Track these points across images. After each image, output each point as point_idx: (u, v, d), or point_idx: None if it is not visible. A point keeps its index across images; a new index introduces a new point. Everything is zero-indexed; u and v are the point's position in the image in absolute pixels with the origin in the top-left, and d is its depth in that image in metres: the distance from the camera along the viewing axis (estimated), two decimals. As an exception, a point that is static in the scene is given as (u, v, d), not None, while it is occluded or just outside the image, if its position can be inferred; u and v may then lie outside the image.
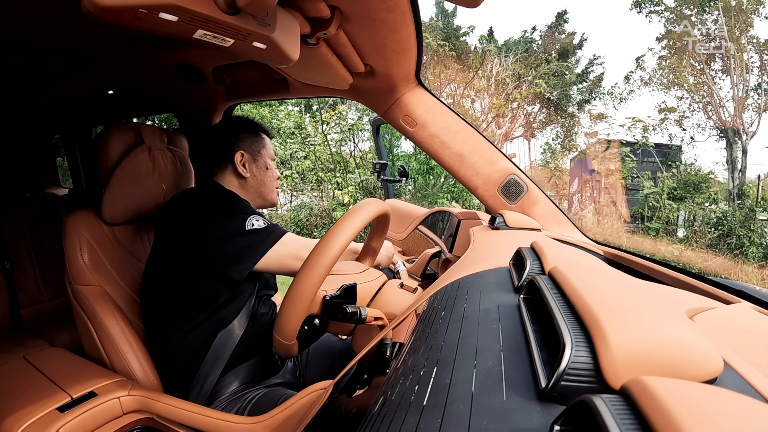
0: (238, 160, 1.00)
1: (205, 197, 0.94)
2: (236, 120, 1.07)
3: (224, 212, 0.89)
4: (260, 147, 1.04)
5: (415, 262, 1.10)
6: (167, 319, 0.92)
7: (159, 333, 0.93)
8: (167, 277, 0.92)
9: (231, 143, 1.01)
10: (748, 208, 6.13)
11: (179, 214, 0.91)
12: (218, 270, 0.86)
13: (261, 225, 0.89)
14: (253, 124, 1.07)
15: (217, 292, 0.90)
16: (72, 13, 0.93)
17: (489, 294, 0.45)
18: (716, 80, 8.43)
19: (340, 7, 0.67)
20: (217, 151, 1.03)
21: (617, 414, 0.17)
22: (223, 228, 0.87)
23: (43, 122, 1.93)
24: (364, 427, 0.33)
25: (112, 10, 0.42)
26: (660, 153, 7.85)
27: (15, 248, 1.72)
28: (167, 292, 0.92)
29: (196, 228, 0.87)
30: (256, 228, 0.87)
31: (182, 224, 0.89)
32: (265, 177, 1.04)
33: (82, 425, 0.75)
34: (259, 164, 1.03)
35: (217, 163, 1.02)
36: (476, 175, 1.03)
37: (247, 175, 1.02)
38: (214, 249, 0.86)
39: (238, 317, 0.93)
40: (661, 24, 8.88)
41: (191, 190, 0.98)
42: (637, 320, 0.25)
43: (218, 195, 0.96)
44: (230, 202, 0.94)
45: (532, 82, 9.44)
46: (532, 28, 12.24)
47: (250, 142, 1.03)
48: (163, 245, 0.94)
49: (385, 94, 1.03)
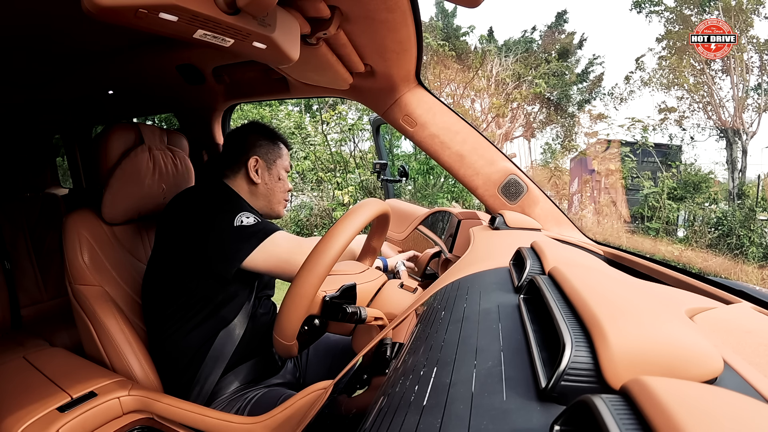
0: (251, 165, 0.99)
1: (200, 195, 0.93)
2: (257, 126, 1.06)
3: (214, 208, 0.88)
4: (276, 156, 1.03)
5: (416, 258, 1.11)
6: (167, 318, 0.92)
7: (159, 333, 0.93)
8: (166, 276, 0.92)
9: (247, 147, 1.00)
10: (748, 208, 6.14)
11: (176, 213, 0.91)
12: (208, 267, 0.86)
13: (250, 222, 0.87)
14: (274, 132, 1.06)
15: (212, 291, 0.90)
16: (72, 13, 0.93)
17: (489, 294, 0.45)
18: (716, 80, 8.44)
19: (340, 7, 0.67)
20: (232, 152, 1.02)
21: (617, 414, 0.17)
22: (211, 224, 0.86)
23: (43, 122, 1.93)
24: (364, 427, 0.33)
25: (112, 10, 0.42)
26: (660, 153, 7.85)
27: (15, 248, 1.72)
28: (166, 292, 0.92)
29: (188, 225, 0.87)
30: (244, 225, 0.85)
31: (177, 222, 0.89)
32: (275, 187, 1.03)
33: (82, 425, 0.75)
34: (272, 173, 1.02)
35: (230, 165, 1.01)
36: (476, 175, 1.03)
37: (259, 181, 1.00)
38: (202, 245, 0.85)
39: (238, 317, 0.93)
40: (661, 24, 8.89)
41: (190, 189, 0.98)
42: (637, 320, 0.25)
43: (212, 192, 0.95)
44: (222, 199, 0.92)
45: (532, 82, 9.44)
46: (532, 28, 12.28)
47: (267, 150, 1.02)
48: (162, 245, 0.94)
49: (385, 94, 1.03)
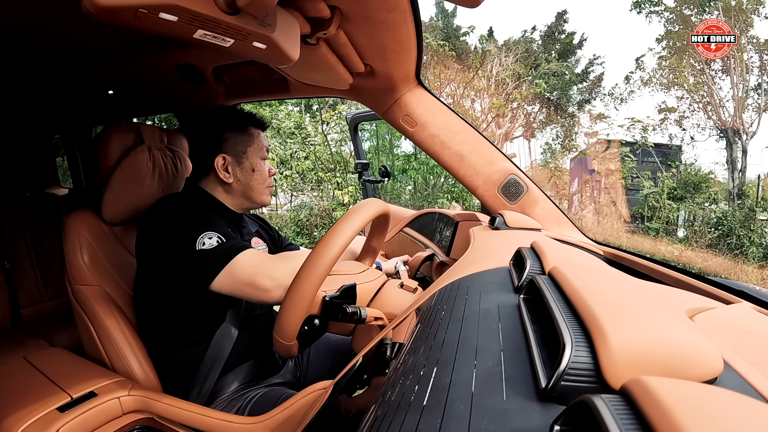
0: (219, 165, 0.91)
1: (165, 209, 0.88)
2: (221, 115, 0.95)
3: (179, 227, 0.83)
4: (246, 146, 0.94)
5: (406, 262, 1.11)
6: (160, 321, 0.91)
7: (154, 335, 0.93)
8: (151, 284, 0.90)
9: (213, 145, 0.92)
10: (748, 208, 6.14)
11: (150, 228, 0.88)
12: (180, 286, 0.83)
13: (212, 244, 0.80)
14: (241, 116, 0.96)
15: (194, 300, 0.87)
16: (72, 13, 0.93)
17: (489, 294, 0.45)
18: (716, 80, 8.44)
19: (340, 7, 0.67)
20: (199, 154, 0.95)
21: (617, 414, 0.17)
22: (175, 246, 0.81)
23: (43, 122, 1.93)
24: (364, 427, 0.33)
25: (112, 10, 0.42)
26: (660, 153, 7.86)
27: (15, 248, 1.72)
28: (155, 298, 0.91)
29: (158, 244, 0.84)
30: (205, 249, 0.79)
31: (150, 238, 0.87)
32: (251, 180, 0.94)
33: (82, 425, 0.75)
34: (244, 167, 0.93)
35: (199, 168, 0.96)
36: (476, 175, 1.03)
37: (231, 180, 0.93)
38: (173, 266, 0.82)
39: (233, 317, 0.92)
40: (661, 24, 8.90)
41: (164, 200, 0.92)
42: (637, 320, 0.25)
43: (184, 203, 0.89)
44: (191, 212, 0.85)
45: (532, 82, 9.44)
46: (532, 28, 12.28)
47: (235, 142, 0.93)
48: (141, 256, 0.91)
49: (385, 94, 1.03)
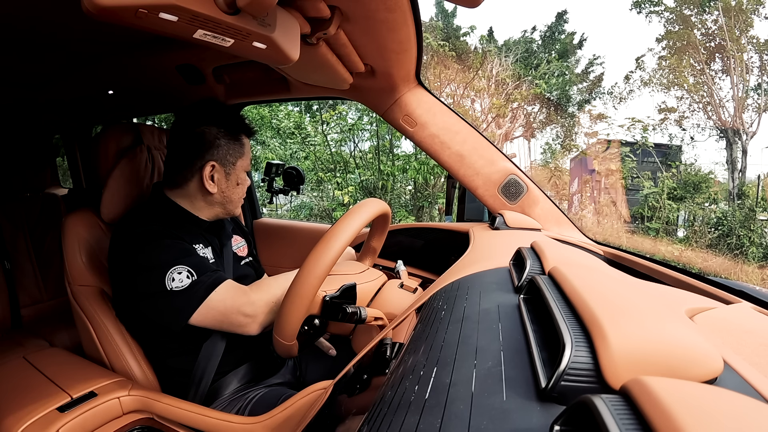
0: (207, 173, 0.84)
1: (131, 236, 0.81)
2: (213, 112, 0.86)
3: (145, 264, 0.77)
4: (237, 157, 0.86)
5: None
6: (142, 335, 0.92)
7: (143, 342, 0.93)
8: (126, 310, 0.89)
9: (204, 149, 0.83)
10: (748, 208, 6.14)
11: (115, 253, 0.83)
12: (154, 322, 0.82)
13: (183, 282, 0.75)
14: (234, 120, 0.87)
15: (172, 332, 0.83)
16: (72, 13, 0.93)
17: (489, 294, 0.45)
18: (716, 80, 8.44)
19: (340, 7, 0.67)
20: (184, 154, 0.85)
21: (617, 414, 0.17)
22: (144, 286, 0.77)
23: (43, 122, 1.93)
24: (364, 427, 0.33)
25: (112, 10, 0.42)
26: (660, 153, 7.86)
27: (15, 248, 1.72)
28: (132, 321, 0.90)
29: (124, 277, 0.81)
30: (176, 290, 0.75)
31: (115, 265, 0.83)
32: (233, 193, 0.88)
33: (82, 425, 0.75)
34: (230, 179, 0.87)
35: (180, 171, 0.86)
36: (476, 175, 1.03)
37: (215, 191, 0.85)
38: (141, 305, 0.80)
39: (217, 332, 0.89)
40: (661, 24, 8.90)
41: (125, 219, 0.86)
42: (637, 320, 0.25)
43: (144, 232, 0.80)
44: (153, 245, 0.78)
45: (532, 82, 9.44)
46: (532, 28, 12.29)
47: (227, 150, 0.85)
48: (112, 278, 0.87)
49: (385, 94, 1.03)
